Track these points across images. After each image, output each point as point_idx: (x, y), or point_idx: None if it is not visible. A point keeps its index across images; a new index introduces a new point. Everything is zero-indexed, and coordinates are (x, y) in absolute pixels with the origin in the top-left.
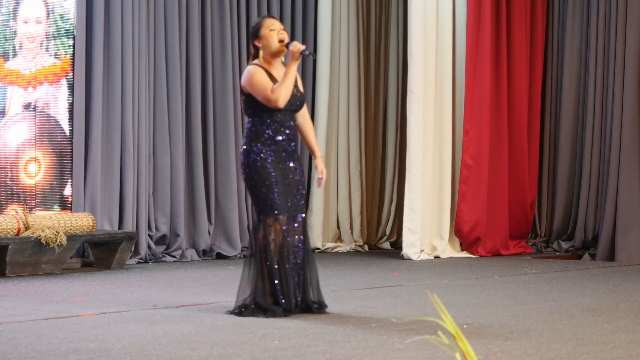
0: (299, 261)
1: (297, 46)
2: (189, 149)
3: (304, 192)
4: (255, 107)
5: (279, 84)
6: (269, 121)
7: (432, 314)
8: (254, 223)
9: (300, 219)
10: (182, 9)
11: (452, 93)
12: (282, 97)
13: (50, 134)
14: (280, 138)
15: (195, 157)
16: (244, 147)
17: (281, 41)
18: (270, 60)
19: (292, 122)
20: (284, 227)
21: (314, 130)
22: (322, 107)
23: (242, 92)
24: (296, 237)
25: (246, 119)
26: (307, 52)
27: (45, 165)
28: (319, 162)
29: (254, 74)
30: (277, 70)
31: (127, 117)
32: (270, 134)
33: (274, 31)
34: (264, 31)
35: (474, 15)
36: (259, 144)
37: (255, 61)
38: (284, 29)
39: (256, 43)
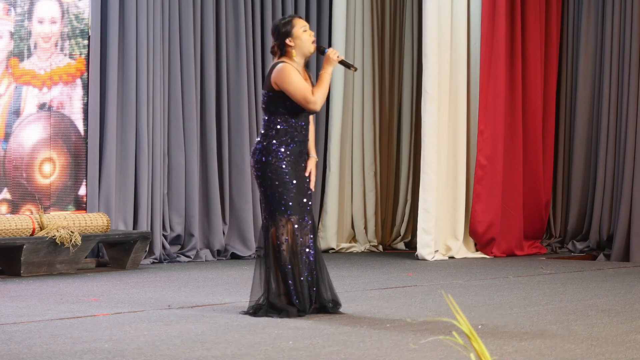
0: (311, 260)
1: (336, 53)
2: (203, 149)
3: (312, 192)
4: (282, 105)
5: (317, 87)
6: (291, 121)
7: (446, 314)
8: (264, 222)
9: (310, 219)
10: (197, 9)
11: (466, 93)
12: (320, 101)
13: (65, 134)
14: (298, 139)
15: (210, 157)
16: (261, 144)
17: (319, 49)
18: (298, 60)
19: (306, 123)
20: (296, 227)
21: (314, 132)
22: (337, 108)
23: (270, 89)
24: (307, 236)
25: (263, 116)
26: (349, 64)
27: (60, 165)
28: (310, 163)
29: (291, 73)
30: (302, 71)
31: (141, 117)
32: (291, 134)
33: (307, 32)
34: (297, 30)
35: (488, 15)
36: (278, 143)
37: (285, 59)
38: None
39: (288, 42)
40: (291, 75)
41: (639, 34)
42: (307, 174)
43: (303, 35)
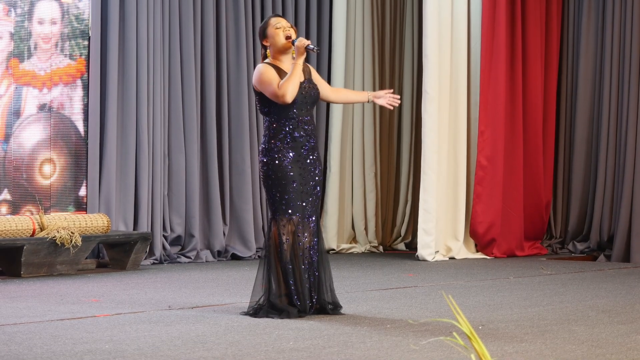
0: (313, 261)
1: (302, 41)
2: (203, 150)
3: (319, 192)
4: (270, 105)
5: (285, 79)
6: (285, 118)
7: (447, 315)
8: (268, 222)
9: (314, 220)
10: (197, 10)
11: (466, 94)
12: (289, 92)
13: (65, 135)
14: (298, 134)
15: (210, 157)
16: (263, 145)
17: (288, 38)
18: (279, 58)
19: (309, 118)
20: (297, 227)
21: (347, 90)
22: (337, 108)
23: (255, 92)
24: (310, 237)
25: (263, 119)
26: (311, 47)
27: (60, 166)
28: (375, 93)
29: (262, 72)
30: (288, 66)
31: (142, 117)
32: (289, 130)
33: (280, 29)
34: (270, 30)
35: (489, 16)
36: (277, 142)
37: (266, 60)
38: (292, 27)
39: (264, 43)
40: (261, 75)
41: (639, 35)
42: (385, 95)
43: (275, 33)
